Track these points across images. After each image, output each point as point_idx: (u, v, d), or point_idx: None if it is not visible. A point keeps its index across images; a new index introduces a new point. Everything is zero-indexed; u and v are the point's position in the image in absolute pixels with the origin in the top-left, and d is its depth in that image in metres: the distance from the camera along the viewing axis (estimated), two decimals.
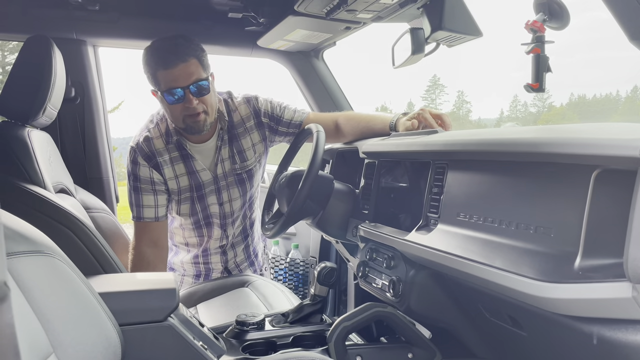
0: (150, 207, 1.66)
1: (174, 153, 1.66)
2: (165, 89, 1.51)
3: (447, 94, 53.45)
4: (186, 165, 1.68)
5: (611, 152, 0.74)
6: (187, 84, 1.50)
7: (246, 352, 1.19)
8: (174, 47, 1.50)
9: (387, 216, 1.41)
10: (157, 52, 1.51)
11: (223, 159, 1.71)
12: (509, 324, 1.02)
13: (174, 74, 1.49)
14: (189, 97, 1.51)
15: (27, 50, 1.39)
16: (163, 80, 1.51)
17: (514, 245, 0.89)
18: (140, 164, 1.63)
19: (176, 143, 1.65)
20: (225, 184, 1.73)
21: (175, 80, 1.49)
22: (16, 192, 1.20)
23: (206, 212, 1.75)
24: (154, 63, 1.51)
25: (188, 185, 1.70)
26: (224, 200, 1.75)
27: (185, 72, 1.49)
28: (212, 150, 1.70)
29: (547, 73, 1.01)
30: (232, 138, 1.72)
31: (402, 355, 1.22)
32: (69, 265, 0.89)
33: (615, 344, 0.76)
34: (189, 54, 1.51)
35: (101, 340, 0.90)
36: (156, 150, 1.64)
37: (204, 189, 1.71)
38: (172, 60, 1.49)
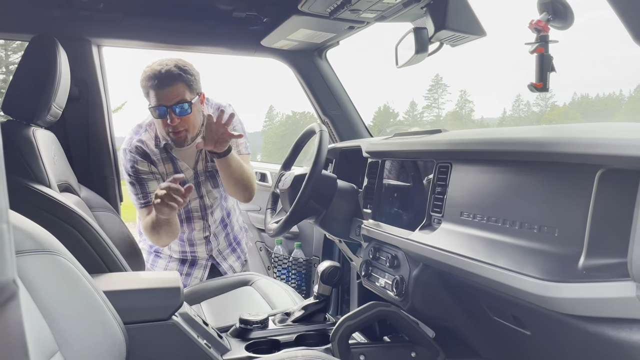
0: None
1: (163, 154, 1.83)
2: (153, 105, 1.71)
3: (450, 93, 53.34)
4: (173, 166, 1.86)
5: (615, 152, 0.74)
6: (170, 104, 1.69)
7: (250, 351, 1.20)
8: (167, 71, 1.69)
9: (390, 215, 1.41)
10: (151, 73, 1.71)
11: (202, 157, 1.89)
12: (512, 323, 1.02)
13: (160, 94, 1.69)
14: (171, 115, 1.70)
15: (31, 49, 1.40)
16: (152, 97, 1.70)
17: (517, 245, 0.89)
18: (139, 160, 1.79)
19: (164, 147, 1.82)
20: (205, 179, 1.90)
21: (161, 99, 1.69)
22: (21, 191, 1.20)
23: (186, 207, 1.90)
24: (147, 81, 1.71)
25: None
26: (203, 194, 1.91)
27: (171, 94, 1.68)
28: (194, 151, 1.87)
29: (551, 73, 1.01)
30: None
31: (405, 354, 1.22)
32: (74, 263, 0.89)
33: (619, 343, 0.76)
34: (177, 78, 1.69)
35: (106, 339, 0.90)
36: (150, 151, 1.81)
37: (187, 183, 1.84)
38: (161, 82, 1.68)
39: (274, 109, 51.56)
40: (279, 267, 2.35)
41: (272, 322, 1.34)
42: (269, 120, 50.33)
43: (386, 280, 1.32)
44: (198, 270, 1.98)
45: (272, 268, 2.40)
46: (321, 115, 2.19)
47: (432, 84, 49.79)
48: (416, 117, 50.41)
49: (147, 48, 2.08)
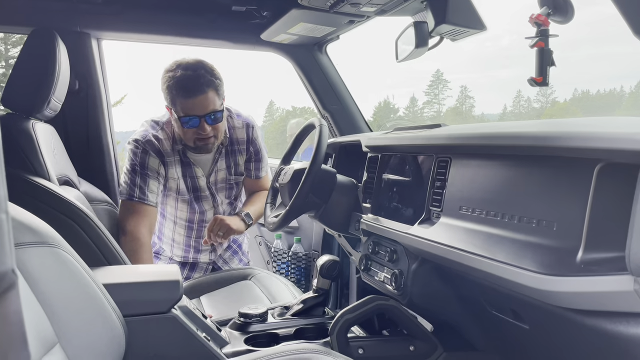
0: (154, 192, 1.72)
1: (177, 157, 1.77)
2: (182, 115, 1.62)
3: (450, 89, 53.24)
4: (187, 170, 1.79)
5: (614, 146, 0.74)
6: (203, 114, 1.62)
7: (249, 344, 1.20)
8: (195, 78, 1.59)
9: (389, 210, 1.41)
10: (179, 80, 1.60)
11: (218, 170, 1.85)
12: (511, 317, 1.03)
13: (192, 104, 1.60)
14: (203, 125, 1.63)
15: (31, 43, 1.39)
16: (181, 107, 1.62)
17: (516, 239, 0.89)
18: (151, 155, 1.71)
19: (181, 150, 1.76)
20: (216, 189, 1.87)
21: (193, 109, 1.61)
22: (21, 184, 1.20)
23: (203, 217, 1.88)
24: (175, 90, 1.61)
25: (187, 188, 1.81)
26: (217, 203, 1.88)
27: (203, 103, 1.61)
28: (209, 161, 1.82)
29: (551, 67, 1.01)
30: (228, 152, 1.85)
31: (403, 347, 1.23)
32: (74, 256, 0.89)
33: (617, 336, 0.76)
34: (208, 85, 1.61)
35: (105, 331, 0.91)
36: (164, 151, 1.74)
37: (200, 192, 1.84)
38: (192, 92, 1.59)
39: (274, 104, 51.48)
40: (279, 262, 2.35)
41: (271, 315, 1.35)
42: (269, 116, 50.28)
43: (385, 274, 1.33)
44: (198, 274, 1.96)
45: (272, 262, 2.40)
46: (321, 110, 2.19)
47: (432, 79, 49.72)
48: (416, 112, 50.36)
49: (147, 42, 2.07)
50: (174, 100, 1.63)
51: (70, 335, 0.82)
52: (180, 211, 1.87)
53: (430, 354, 1.23)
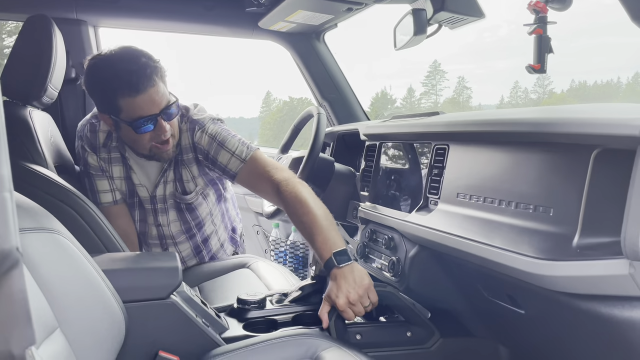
0: (106, 191, 1.52)
1: (115, 154, 1.49)
2: (135, 118, 1.30)
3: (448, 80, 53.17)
4: (125, 171, 1.51)
5: (611, 131, 0.74)
6: (158, 111, 1.31)
7: (247, 330, 1.21)
8: (140, 69, 1.27)
9: (387, 198, 1.42)
10: (118, 75, 1.26)
11: (166, 181, 1.51)
12: (507, 302, 1.04)
13: (143, 101, 1.28)
14: (161, 124, 1.33)
15: (27, 30, 1.38)
16: (129, 109, 1.29)
17: (513, 224, 0.90)
18: (88, 151, 1.49)
19: (116, 148, 1.48)
20: (164, 207, 1.55)
21: (146, 108, 1.29)
22: (18, 171, 1.20)
23: (144, 229, 1.59)
24: (118, 87, 1.27)
25: (125, 190, 1.55)
26: (161, 223, 1.57)
27: (156, 97, 1.30)
28: (155, 168, 1.51)
29: (549, 54, 1.01)
30: (177, 163, 1.50)
31: (401, 333, 1.24)
32: (73, 242, 0.90)
33: (612, 320, 0.77)
34: (155, 73, 1.30)
35: (105, 316, 0.91)
36: (98, 145, 1.48)
37: (143, 203, 1.56)
38: (140, 86, 1.26)
39: (271, 95, 51.36)
40: (276, 251, 2.36)
41: (270, 302, 1.35)
42: (266, 106, 50.17)
43: (382, 261, 1.34)
44: None
45: (269, 251, 2.41)
46: (319, 99, 2.19)
47: (430, 70, 49.63)
48: (414, 103, 50.33)
49: (144, 29, 2.06)
50: (115, 102, 1.29)
51: (71, 320, 0.83)
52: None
53: (427, 340, 1.24)
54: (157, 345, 1.06)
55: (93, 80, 1.33)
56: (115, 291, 0.97)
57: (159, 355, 1.05)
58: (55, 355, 0.77)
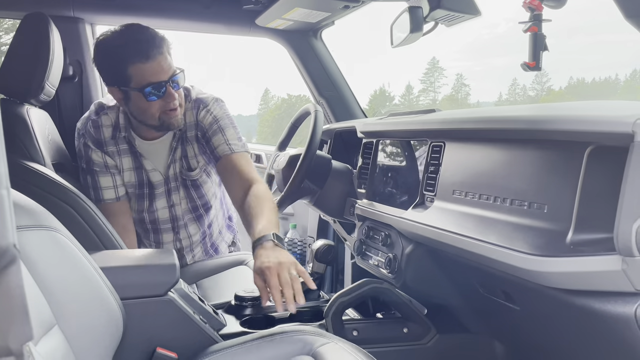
0: (108, 188, 1.53)
1: (122, 145, 1.53)
2: (145, 84, 1.35)
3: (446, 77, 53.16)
4: (134, 161, 1.54)
5: (604, 129, 0.75)
6: (167, 78, 1.37)
7: (245, 326, 1.22)
8: (150, 38, 1.35)
9: (384, 195, 1.43)
10: (128, 44, 1.34)
11: (175, 159, 1.56)
12: (502, 299, 1.05)
13: (154, 67, 1.35)
14: (169, 91, 1.38)
15: (24, 27, 1.39)
16: (139, 75, 1.35)
17: (508, 221, 0.91)
18: (92, 148, 1.51)
19: (124, 138, 1.52)
20: (176, 186, 1.59)
21: (155, 75, 1.35)
22: (16, 169, 1.20)
23: (153, 216, 1.61)
24: (127, 56, 1.34)
25: (135, 182, 1.57)
26: (174, 203, 1.61)
27: (164, 64, 1.37)
28: (165, 149, 1.55)
29: (544, 52, 1.02)
30: (184, 139, 1.55)
31: (397, 329, 1.25)
32: (71, 240, 0.90)
33: (605, 315, 0.78)
34: (163, 43, 1.37)
35: (103, 313, 0.92)
36: (104, 140, 1.51)
37: (154, 189, 1.58)
38: (150, 53, 1.33)
39: (269, 92, 51.27)
40: None
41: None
42: (264, 104, 50.11)
43: (379, 258, 1.34)
44: None
45: None
46: (316, 96, 2.19)
47: (428, 67, 49.62)
48: (412, 100, 50.31)
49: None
50: (126, 71, 1.35)
51: (68, 317, 0.83)
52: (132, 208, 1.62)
53: (423, 336, 1.25)
54: (155, 342, 1.07)
55: (103, 53, 1.38)
56: (112, 288, 0.97)
57: (156, 351, 1.05)
58: (53, 352, 0.77)
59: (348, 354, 0.97)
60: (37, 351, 0.72)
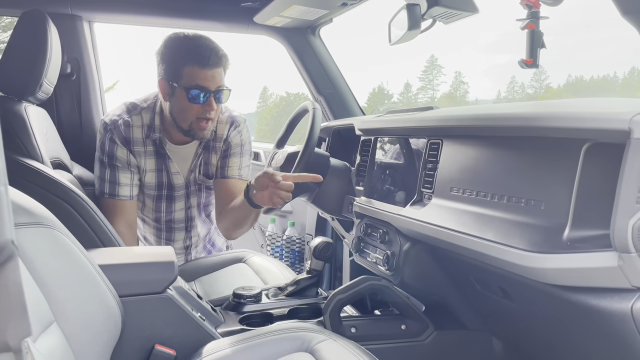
0: (126, 185, 1.59)
1: (149, 147, 1.59)
2: (191, 86, 1.45)
3: (445, 74, 53.08)
4: (159, 163, 1.61)
5: (601, 126, 0.75)
6: (214, 88, 1.47)
7: (243, 324, 1.22)
8: (215, 50, 1.46)
9: (382, 192, 1.43)
10: (195, 48, 1.45)
11: (197, 165, 1.66)
12: (499, 295, 1.05)
13: (207, 74, 1.45)
14: (211, 101, 1.48)
15: (22, 25, 1.38)
16: (191, 76, 1.45)
17: (505, 218, 0.91)
18: (118, 144, 1.56)
19: (157, 140, 1.59)
20: (195, 189, 1.70)
21: (205, 81, 1.45)
22: (14, 166, 1.20)
23: (170, 217, 1.70)
24: (189, 57, 1.45)
25: (155, 183, 1.64)
26: (191, 205, 1.72)
27: (216, 77, 1.47)
28: (190, 155, 1.64)
29: (541, 49, 1.02)
30: (209, 148, 1.66)
31: (395, 326, 1.25)
32: (69, 237, 0.90)
33: (601, 311, 0.78)
34: (224, 59, 1.49)
35: (102, 310, 0.92)
36: (133, 139, 1.57)
37: (174, 191, 1.67)
38: (211, 61, 1.45)
39: (267, 90, 51.22)
40: (272, 245, 2.37)
41: (265, 296, 1.37)
42: (262, 102, 50.09)
43: (377, 255, 1.34)
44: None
45: (266, 246, 2.42)
46: (314, 94, 2.19)
47: (426, 64, 49.59)
48: (410, 98, 50.31)
49: (138, 24, 2.06)
50: (182, 69, 1.45)
51: (67, 314, 0.84)
52: (146, 207, 1.70)
53: (421, 333, 1.26)
54: (154, 339, 1.07)
55: (170, 47, 1.49)
56: (111, 285, 0.97)
57: (155, 349, 1.06)
58: (52, 349, 0.78)
59: (346, 351, 0.97)
60: (36, 348, 0.72)
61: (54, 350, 0.78)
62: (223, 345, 1.03)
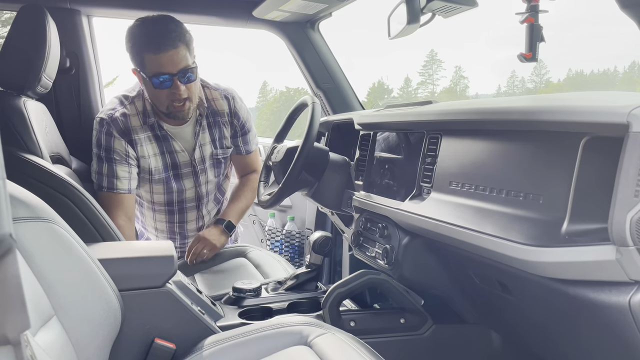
0: (124, 178, 1.61)
1: (149, 133, 1.63)
2: (153, 74, 1.48)
3: (445, 69, 52.98)
4: (164, 145, 1.66)
5: (599, 119, 0.75)
6: (175, 71, 1.48)
7: (243, 318, 1.23)
8: (166, 32, 1.46)
9: (381, 187, 1.43)
10: (146, 34, 1.47)
11: (202, 144, 1.70)
12: (498, 289, 1.05)
13: (163, 59, 1.46)
14: (176, 83, 1.49)
15: (20, 19, 1.38)
16: (150, 64, 1.48)
17: (504, 212, 0.91)
18: (115, 136, 1.58)
19: (154, 124, 1.62)
20: (203, 168, 1.74)
21: (164, 66, 1.47)
22: (14, 161, 1.20)
23: (181, 196, 1.75)
24: (143, 45, 1.47)
25: (163, 166, 1.68)
26: (200, 182, 1.75)
27: (175, 58, 1.47)
28: (189, 134, 1.69)
29: (541, 43, 1.02)
30: (210, 125, 1.71)
31: (394, 320, 1.25)
32: (68, 231, 0.91)
33: (599, 305, 0.79)
34: (179, 39, 1.47)
35: (101, 304, 0.92)
36: (132, 128, 1.60)
37: (181, 169, 1.71)
38: (162, 45, 1.45)
39: (267, 85, 51.15)
40: (272, 240, 2.38)
41: (265, 290, 1.37)
42: (262, 97, 49.99)
43: (376, 249, 1.35)
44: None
45: (266, 241, 2.43)
46: (314, 88, 2.18)
47: (426, 59, 49.47)
48: (410, 93, 50.23)
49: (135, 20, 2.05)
50: (142, 58, 1.48)
51: (67, 308, 0.84)
52: (156, 194, 1.73)
53: (420, 327, 1.26)
54: (153, 333, 1.08)
55: (128, 39, 1.52)
56: (111, 280, 0.97)
57: (155, 342, 1.06)
58: (52, 343, 0.78)
59: (345, 345, 0.98)
60: (36, 342, 0.72)
61: (53, 344, 0.78)
62: (223, 339, 1.03)
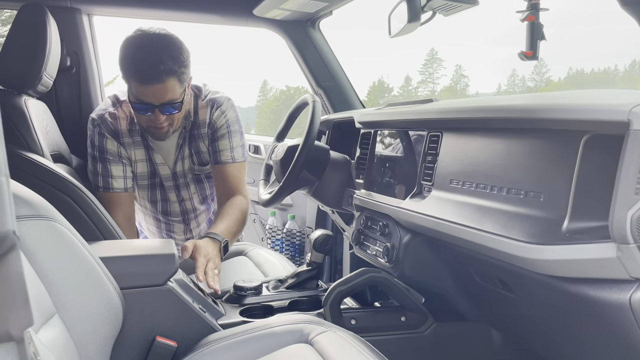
0: (120, 177, 1.59)
1: (137, 138, 1.59)
2: (135, 99, 1.42)
3: (445, 68, 52.92)
4: (146, 153, 1.61)
5: (600, 117, 0.75)
6: (158, 103, 1.42)
7: (244, 316, 1.23)
8: (155, 63, 1.35)
9: (382, 185, 1.43)
10: (135, 61, 1.38)
11: (183, 157, 1.64)
12: (498, 287, 1.05)
13: (147, 91, 1.39)
14: (157, 115, 1.44)
15: (21, 18, 1.38)
16: (134, 91, 1.42)
17: (504, 210, 0.91)
18: (107, 137, 1.56)
19: (139, 131, 1.58)
20: (185, 182, 1.68)
21: (147, 96, 1.40)
22: (15, 160, 1.20)
23: (166, 208, 1.71)
24: (130, 72, 1.39)
25: (146, 172, 1.65)
26: (184, 198, 1.70)
27: (159, 93, 1.39)
28: (172, 147, 1.63)
29: (541, 41, 1.02)
30: (192, 137, 1.63)
31: (395, 318, 1.26)
32: (70, 229, 0.91)
33: (599, 302, 0.79)
34: (169, 73, 1.37)
35: (103, 303, 0.92)
36: (121, 131, 1.57)
37: (163, 181, 1.67)
38: (148, 78, 1.37)
39: (268, 84, 51.12)
40: (273, 239, 2.38)
41: (266, 288, 1.37)
42: (262, 95, 49.96)
43: (377, 248, 1.35)
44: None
45: (266, 239, 2.43)
46: (314, 87, 2.19)
47: (427, 58, 49.43)
48: (411, 92, 50.20)
49: (137, 17, 2.05)
50: (128, 81, 1.42)
51: (68, 306, 0.84)
52: (142, 199, 1.71)
53: (421, 325, 1.26)
54: (155, 331, 1.08)
55: (121, 51, 1.42)
56: (112, 278, 0.98)
57: (156, 340, 1.06)
58: (54, 341, 0.78)
59: (346, 342, 0.98)
60: (38, 339, 0.73)
61: (55, 341, 0.78)
62: (224, 337, 1.04)
